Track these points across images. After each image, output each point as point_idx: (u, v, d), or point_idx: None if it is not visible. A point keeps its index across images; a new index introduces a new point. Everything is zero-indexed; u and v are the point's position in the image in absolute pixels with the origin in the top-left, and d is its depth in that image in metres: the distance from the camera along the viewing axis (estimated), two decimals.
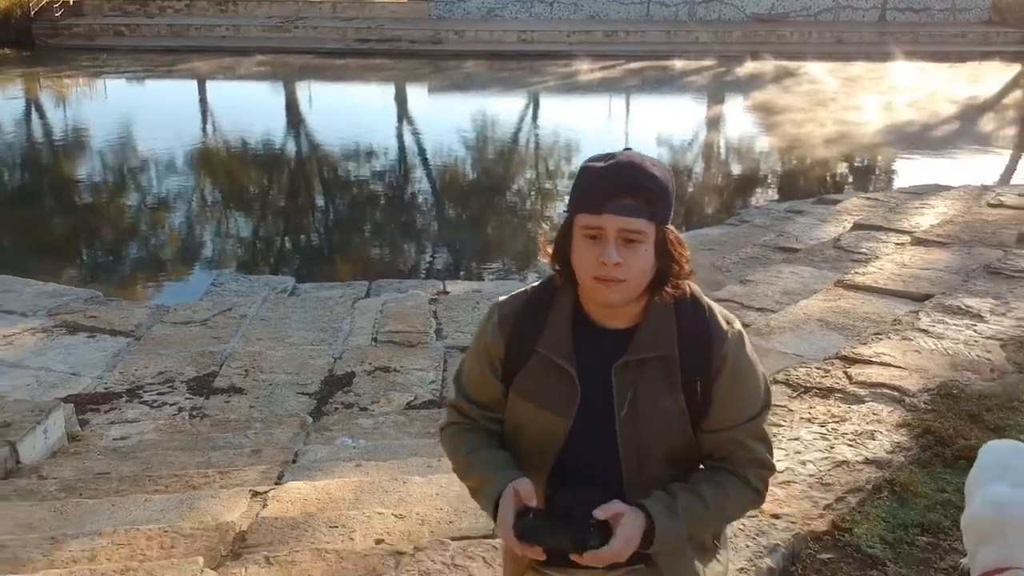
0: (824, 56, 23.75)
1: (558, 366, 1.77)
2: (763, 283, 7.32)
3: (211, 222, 13.10)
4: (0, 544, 4.16)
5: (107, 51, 24.67)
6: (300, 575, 3.59)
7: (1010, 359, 4.90)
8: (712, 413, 1.77)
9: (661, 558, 1.78)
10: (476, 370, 1.89)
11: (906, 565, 3.29)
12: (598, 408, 1.76)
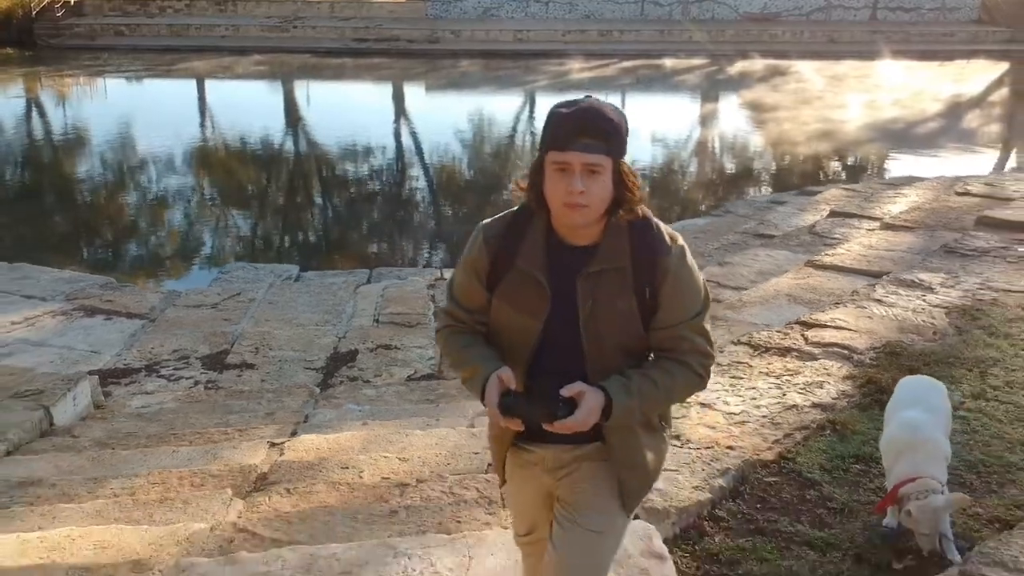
0: (816, 55, 24.36)
1: (533, 277, 2.16)
2: (740, 265, 7.92)
3: (216, 216, 13.63)
4: (50, 483, 4.74)
5: (108, 51, 25.20)
6: (317, 502, 4.18)
7: (952, 324, 5.50)
8: (660, 313, 2.13)
9: (613, 436, 2.18)
10: (465, 281, 2.28)
11: (839, 486, 3.88)
12: (565, 311, 2.14)
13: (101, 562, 3.33)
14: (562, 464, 2.25)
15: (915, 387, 3.80)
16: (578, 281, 2.12)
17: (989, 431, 4.30)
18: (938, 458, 3.38)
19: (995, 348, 5.18)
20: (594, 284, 2.12)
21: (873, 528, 3.55)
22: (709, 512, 3.68)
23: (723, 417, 4.38)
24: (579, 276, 2.12)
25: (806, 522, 3.63)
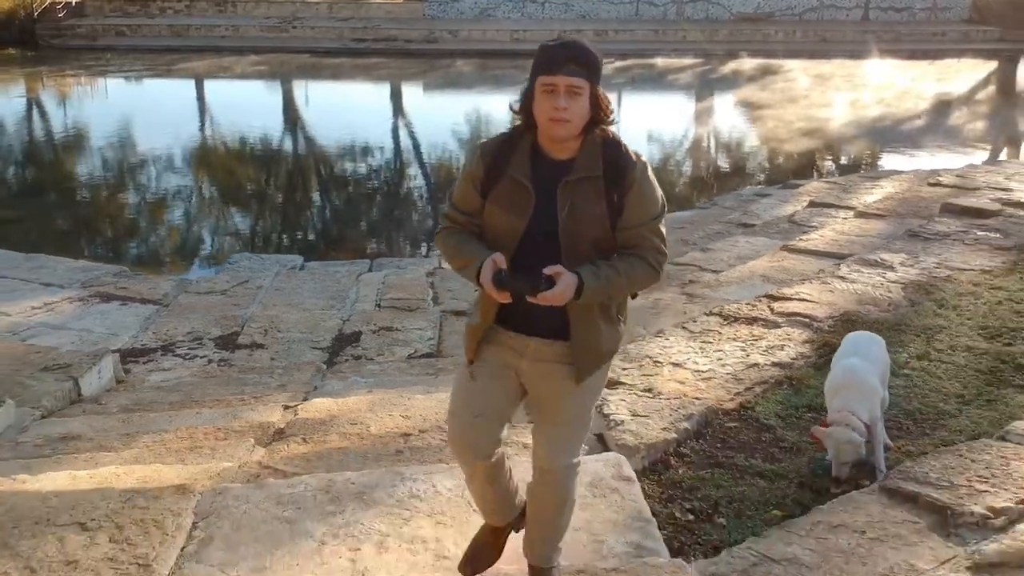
0: (808, 54, 24.97)
1: (521, 183, 2.58)
2: (721, 251, 8.51)
3: (219, 212, 14.19)
4: (87, 438, 5.32)
5: (109, 51, 25.78)
6: (331, 449, 4.75)
7: (907, 297, 6.09)
8: (625, 215, 2.56)
9: (577, 321, 2.59)
10: (464, 190, 2.70)
11: (791, 430, 4.46)
12: (546, 213, 2.56)
13: (148, 487, 3.91)
14: (542, 356, 2.68)
15: (857, 340, 4.39)
16: (559, 188, 2.56)
17: (928, 386, 4.88)
18: (867, 398, 3.96)
19: (943, 318, 5.77)
20: (572, 191, 2.55)
21: (817, 461, 4.13)
22: (675, 449, 4.26)
23: (692, 374, 4.97)
24: (560, 184, 2.56)
25: (759, 458, 4.21)
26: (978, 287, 6.33)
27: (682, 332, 5.66)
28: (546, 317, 2.58)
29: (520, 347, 2.69)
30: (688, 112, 20.88)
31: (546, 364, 2.68)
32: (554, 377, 2.69)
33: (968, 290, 6.26)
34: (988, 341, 5.43)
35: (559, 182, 2.55)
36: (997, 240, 7.37)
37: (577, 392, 2.68)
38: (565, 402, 2.71)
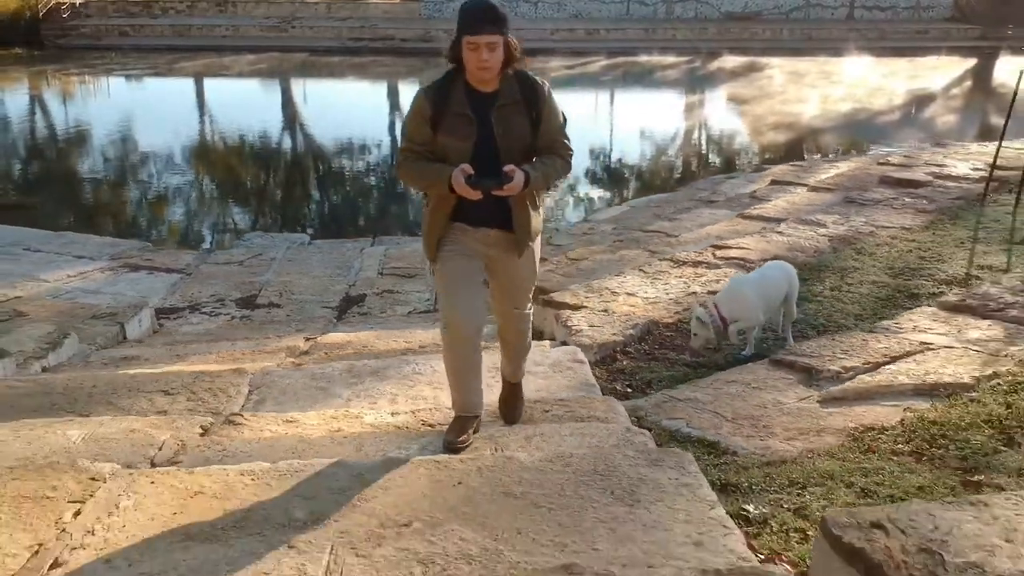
0: (793, 52, 26.29)
1: (465, 114, 3.42)
2: (686, 220, 9.76)
3: (229, 199, 15.40)
4: (144, 359, 6.56)
5: (113, 50, 27.06)
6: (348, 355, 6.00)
7: (831, 246, 7.37)
8: (542, 127, 3.48)
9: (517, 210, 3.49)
10: (415, 126, 3.49)
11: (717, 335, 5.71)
12: (485, 134, 3.41)
13: (210, 369, 5.17)
14: (500, 241, 3.60)
15: (766, 265, 5.68)
16: (492, 114, 3.44)
17: (834, 308, 6.13)
18: (734, 300, 5.21)
19: (858, 261, 7.04)
20: (502, 114, 3.45)
21: (733, 354, 5.39)
22: (621, 348, 5.51)
23: (641, 300, 6.24)
24: (492, 110, 3.44)
25: (687, 353, 5.47)
26: (895, 240, 7.61)
27: (638, 273, 6.94)
28: (495, 215, 3.52)
29: (482, 237, 3.60)
30: (675, 107, 22.15)
31: (502, 246, 3.63)
32: (508, 253, 3.65)
33: (885, 242, 7.54)
34: (892, 278, 6.69)
35: (491, 109, 3.45)
36: (922, 205, 8.65)
37: (523, 260, 3.68)
38: (517, 269, 3.71)
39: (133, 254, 10.80)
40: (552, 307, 6.29)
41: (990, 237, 7.70)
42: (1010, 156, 9.86)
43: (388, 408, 4.47)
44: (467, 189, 3.35)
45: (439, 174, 3.43)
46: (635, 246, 8.62)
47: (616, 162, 16.96)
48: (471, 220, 3.57)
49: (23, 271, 10.01)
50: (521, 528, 2.62)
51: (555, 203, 14.34)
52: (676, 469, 3.02)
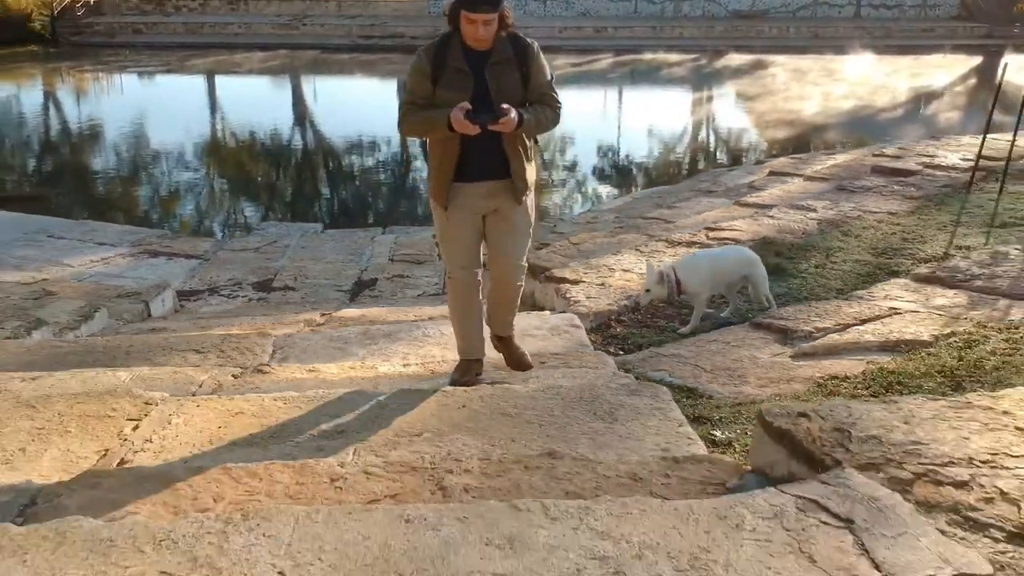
0: (800, 50, 26.72)
1: (461, 69, 3.81)
2: (685, 208, 10.23)
3: (244, 192, 15.94)
4: (171, 330, 7.05)
5: (127, 48, 27.69)
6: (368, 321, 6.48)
7: (819, 228, 7.83)
8: (531, 82, 3.89)
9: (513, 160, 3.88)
10: (416, 82, 3.88)
11: (707, 308, 6.19)
12: (481, 87, 3.80)
13: (236, 333, 5.67)
14: (497, 191, 3.98)
15: (728, 247, 6.21)
16: (486, 69, 3.85)
17: (818, 283, 6.59)
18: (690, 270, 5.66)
19: (843, 242, 7.50)
20: (496, 70, 3.86)
21: (722, 321, 5.87)
22: (615, 317, 5.99)
23: (636, 275, 6.72)
24: (486, 66, 3.85)
25: (677, 322, 5.94)
26: (880, 223, 8.06)
27: (635, 252, 7.42)
28: (493, 166, 3.93)
29: (482, 191, 3.99)
30: (681, 104, 22.61)
31: (500, 197, 4.01)
32: (506, 202, 4.03)
33: (871, 225, 7.99)
34: (874, 257, 7.15)
35: (486, 65, 3.86)
36: (910, 192, 9.10)
37: (520, 209, 4.06)
38: (514, 217, 4.06)
39: (153, 241, 11.31)
40: (553, 282, 6.78)
41: (972, 221, 8.14)
42: (1001, 147, 10.30)
43: (400, 362, 4.97)
44: (466, 124, 3.72)
45: (440, 116, 3.80)
46: (634, 231, 9.09)
47: (622, 158, 17.43)
48: (471, 176, 3.96)
49: (48, 256, 10.54)
50: (515, 437, 3.10)
51: (563, 200, 14.85)
52: (651, 398, 3.50)
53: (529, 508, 2.04)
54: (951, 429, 2.44)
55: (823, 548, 1.91)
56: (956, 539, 1.98)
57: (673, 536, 1.94)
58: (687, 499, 2.18)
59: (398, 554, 1.90)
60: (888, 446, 2.33)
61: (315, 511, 2.05)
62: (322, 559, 1.89)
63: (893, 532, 1.95)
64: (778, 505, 2.07)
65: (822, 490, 2.12)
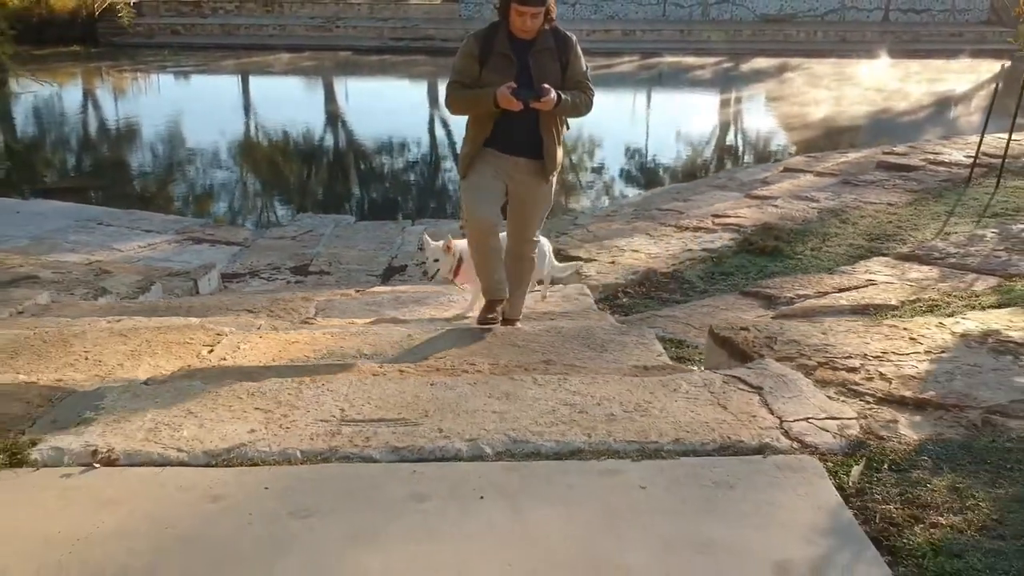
0: (827, 54, 27.24)
1: (506, 55, 4.23)
2: (698, 200, 10.92)
3: (278, 188, 16.82)
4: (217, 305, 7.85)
5: (165, 48, 28.79)
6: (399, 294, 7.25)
7: (818, 216, 8.51)
8: (569, 71, 4.29)
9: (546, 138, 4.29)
10: (464, 64, 4.29)
11: (705, 284, 6.90)
12: (524, 73, 4.20)
13: (281, 296, 6.46)
14: (527, 168, 4.39)
15: None
16: (529, 57, 4.26)
17: (811, 265, 7.26)
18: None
19: (840, 228, 8.18)
20: (538, 58, 4.27)
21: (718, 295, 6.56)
22: (622, 289, 6.72)
23: (645, 255, 7.45)
24: (530, 54, 4.26)
25: (678, 295, 6.66)
26: (878, 212, 8.73)
27: (645, 236, 8.16)
28: (527, 143, 4.34)
29: (512, 164, 4.40)
30: (705, 106, 23.24)
31: (529, 173, 4.40)
32: (533, 178, 4.43)
33: (869, 214, 8.67)
34: (868, 242, 7.82)
35: (529, 53, 4.27)
36: (911, 186, 9.74)
37: (545, 186, 4.46)
38: (539, 193, 4.48)
39: (196, 229, 12.16)
40: (567, 260, 7.52)
41: (966, 212, 8.78)
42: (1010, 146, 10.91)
43: (427, 318, 5.74)
44: (510, 99, 4.11)
45: (486, 93, 4.21)
46: (648, 220, 9.80)
47: (648, 159, 18.12)
48: (504, 148, 4.37)
49: (99, 242, 11.44)
50: (520, 361, 3.85)
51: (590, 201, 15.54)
52: (637, 335, 4.23)
53: (522, 378, 2.80)
54: (858, 338, 3.16)
55: (735, 403, 2.64)
56: (838, 400, 2.70)
57: (626, 394, 2.68)
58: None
59: (424, 401, 2.67)
60: (804, 347, 3.06)
61: (364, 378, 2.82)
62: (369, 403, 2.67)
63: (790, 395, 2.69)
64: (709, 379, 2.81)
65: (744, 372, 2.86)
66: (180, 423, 2.57)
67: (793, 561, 1.96)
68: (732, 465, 2.32)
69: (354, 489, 2.22)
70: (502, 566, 1.94)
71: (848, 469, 2.36)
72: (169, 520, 2.12)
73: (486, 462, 2.35)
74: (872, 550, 2.00)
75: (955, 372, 2.88)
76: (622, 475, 2.28)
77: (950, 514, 2.16)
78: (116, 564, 1.97)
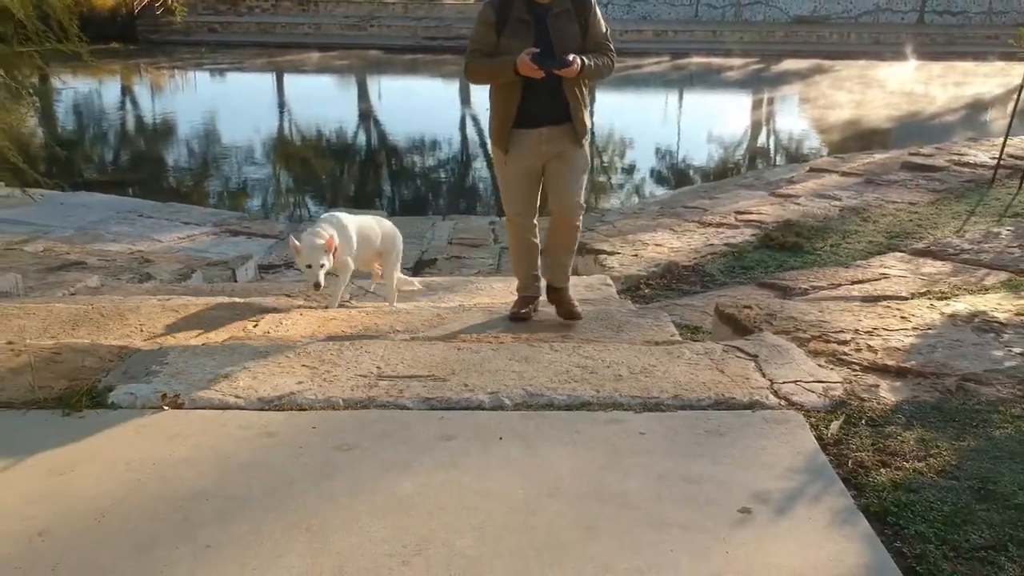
0: (861, 56, 27.33)
1: (525, 20, 4.14)
2: (724, 198, 11.19)
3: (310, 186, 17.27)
4: (257, 289, 8.25)
5: (202, 46, 29.47)
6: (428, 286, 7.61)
7: (840, 214, 8.75)
8: (589, 33, 4.21)
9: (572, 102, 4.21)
10: (482, 33, 4.21)
11: (725, 277, 7.18)
12: (542, 37, 4.11)
13: None
14: (555, 135, 4.29)
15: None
16: (548, 20, 4.19)
17: (830, 260, 7.52)
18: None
19: (860, 226, 8.42)
20: (557, 21, 4.20)
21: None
22: (644, 281, 7.02)
23: (667, 249, 7.75)
24: (548, 17, 4.19)
25: (698, 287, 6.95)
26: (899, 211, 8.96)
27: (669, 231, 8.45)
28: (553, 111, 4.25)
29: (541, 137, 4.30)
30: (736, 107, 23.45)
31: (560, 140, 4.31)
32: (564, 143, 4.33)
33: (890, 212, 8.90)
34: (887, 239, 8.06)
35: (547, 17, 4.19)
36: (934, 186, 9.95)
37: (579, 150, 4.38)
38: (573, 157, 4.36)
39: (233, 222, 12.60)
40: (592, 254, 7.84)
41: (986, 211, 8.98)
42: None
43: (456, 303, 6.08)
44: (532, 68, 4.03)
45: (507, 61, 4.12)
46: (673, 217, 10.10)
47: (678, 160, 18.38)
48: (532, 121, 4.28)
49: (139, 233, 11.91)
50: (542, 336, 4.17)
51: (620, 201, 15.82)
52: (653, 318, 4.53)
53: (540, 345, 3.13)
54: (852, 316, 3.46)
55: (732, 367, 2.96)
56: (826, 368, 3.01)
57: (633, 359, 3.01)
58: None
59: (452, 362, 3.01)
60: (800, 323, 3.36)
61: (399, 343, 3.17)
62: (403, 362, 3.02)
63: (782, 361, 3.00)
64: (710, 348, 3.12)
65: (742, 342, 3.17)
66: (236, 375, 2.94)
67: (769, 491, 2.27)
68: (724, 418, 2.64)
69: (390, 430, 2.57)
70: (518, 489, 2.27)
71: (829, 424, 2.67)
72: (230, 451, 2.48)
73: (505, 411, 2.69)
74: (840, 485, 2.31)
75: (937, 346, 3.17)
76: (625, 423, 2.60)
77: (914, 460, 2.46)
78: (187, 482, 2.33)
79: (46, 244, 9.71)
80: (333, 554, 2.04)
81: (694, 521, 2.16)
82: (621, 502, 2.24)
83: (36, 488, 2.36)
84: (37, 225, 10.97)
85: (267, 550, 2.07)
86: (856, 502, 2.25)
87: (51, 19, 5.34)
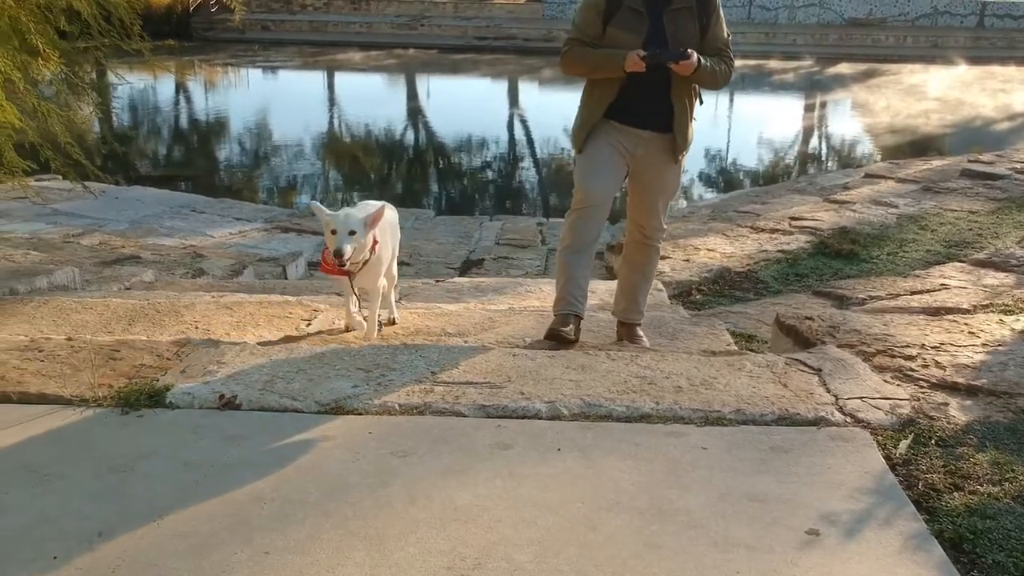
0: (917, 59, 26.84)
1: (638, 11, 3.67)
2: (776, 203, 11.03)
3: (362, 179, 17.38)
4: (308, 287, 8.29)
5: (256, 43, 29.82)
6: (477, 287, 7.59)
7: (897, 222, 8.57)
8: (709, 35, 3.73)
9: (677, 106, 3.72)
10: (587, 18, 3.75)
11: (779, 285, 7.06)
12: (656, 32, 3.67)
13: None
14: (654, 144, 3.83)
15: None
16: (664, 14, 3.72)
17: (886, 269, 7.37)
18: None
19: (918, 235, 8.24)
20: (674, 16, 3.72)
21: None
22: (696, 287, 6.93)
23: (720, 254, 7.64)
24: (665, 11, 3.72)
25: (751, 294, 6.84)
26: (959, 220, 8.75)
27: (721, 236, 8.34)
28: (655, 114, 3.79)
29: (636, 139, 3.84)
30: (790, 110, 23.16)
31: (656, 150, 3.85)
32: (660, 157, 3.88)
33: (949, 221, 8.69)
34: (945, 248, 7.88)
35: (664, 10, 3.72)
36: (995, 194, 9.71)
37: (674, 167, 3.94)
38: (667, 175, 3.94)
39: (284, 219, 12.71)
40: None
41: None
42: None
43: (505, 306, 6.04)
44: (639, 63, 3.60)
45: (614, 56, 3.67)
46: (725, 221, 9.97)
47: (727, 162, 18.19)
48: (628, 120, 3.82)
49: (192, 228, 12.05)
50: (596, 343, 4.13)
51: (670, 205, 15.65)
52: (707, 326, 4.47)
53: (596, 353, 3.08)
54: (918, 330, 3.36)
55: (795, 381, 2.88)
56: (892, 384, 2.92)
57: (693, 370, 2.95)
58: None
59: (507, 368, 2.98)
60: (864, 336, 3.28)
61: (452, 348, 3.14)
62: (458, 368, 2.99)
63: (847, 376, 2.92)
64: (772, 361, 3.05)
65: (805, 355, 3.10)
66: (292, 377, 2.94)
67: (837, 512, 2.20)
68: (788, 434, 2.57)
69: (447, 437, 2.54)
70: (577, 503, 2.23)
71: (896, 442, 2.59)
72: (287, 453, 2.48)
73: (563, 421, 2.65)
74: (911, 508, 2.24)
75: (1009, 363, 3.07)
76: (685, 437, 2.55)
77: (989, 484, 2.37)
78: (245, 485, 2.33)
79: (102, 237, 9.87)
80: (391, 565, 2.02)
81: (760, 541, 2.11)
82: (683, 519, 2.20)
83: (96, 487, 2.37)
84: (93, 218, 11.14)
85: (324, 558, 2.06)
86: (929, 527, 2.17)
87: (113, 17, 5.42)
